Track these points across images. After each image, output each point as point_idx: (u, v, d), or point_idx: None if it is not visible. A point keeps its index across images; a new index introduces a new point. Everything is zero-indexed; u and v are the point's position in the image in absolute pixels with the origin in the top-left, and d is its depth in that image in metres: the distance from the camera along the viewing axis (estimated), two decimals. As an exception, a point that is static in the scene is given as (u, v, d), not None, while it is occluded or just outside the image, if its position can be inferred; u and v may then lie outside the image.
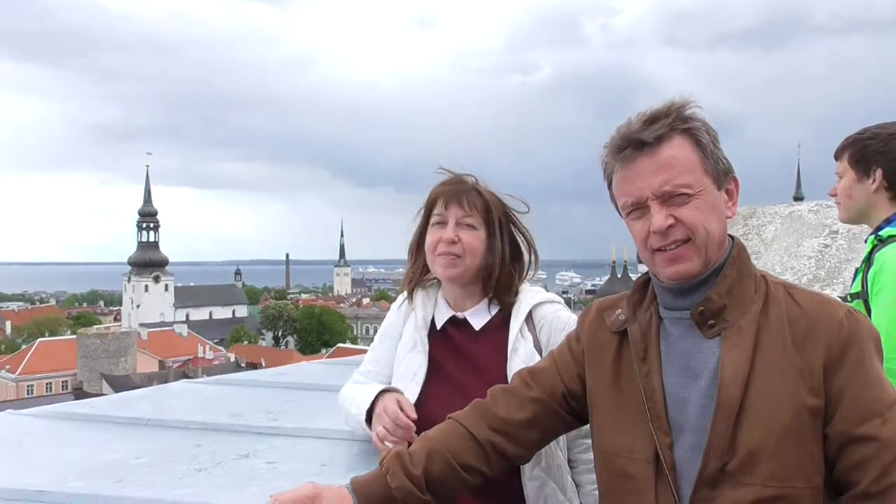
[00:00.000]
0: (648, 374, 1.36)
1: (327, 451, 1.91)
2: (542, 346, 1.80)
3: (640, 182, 1.32)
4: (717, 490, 1.26)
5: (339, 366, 3.52)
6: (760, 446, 1.25)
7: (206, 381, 3.08)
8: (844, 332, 1.28)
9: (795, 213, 4.70)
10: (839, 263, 4.20)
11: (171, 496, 1.57)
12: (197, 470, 1.76)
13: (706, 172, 1.32)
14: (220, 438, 2.05)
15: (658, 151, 1.31)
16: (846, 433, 1.25)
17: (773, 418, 1.25)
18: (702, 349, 1.33)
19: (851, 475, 1.25)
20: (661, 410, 1.33)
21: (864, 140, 2.23)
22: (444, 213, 1.82)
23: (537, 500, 1.71)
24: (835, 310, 1.31)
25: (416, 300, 1.93)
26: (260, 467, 1.79)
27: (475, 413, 1.53)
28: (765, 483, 1.24)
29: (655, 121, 1.31)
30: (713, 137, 1.34)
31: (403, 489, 1.44)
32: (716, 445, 1.26)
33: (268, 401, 2.55)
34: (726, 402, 1.27)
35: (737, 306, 1.33)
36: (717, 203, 1.34)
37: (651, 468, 1.33)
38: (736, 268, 1.35)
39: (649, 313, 1.41)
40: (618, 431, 1.39)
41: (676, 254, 1.32)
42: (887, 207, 2.22)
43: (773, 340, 1.29)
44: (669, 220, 1.30)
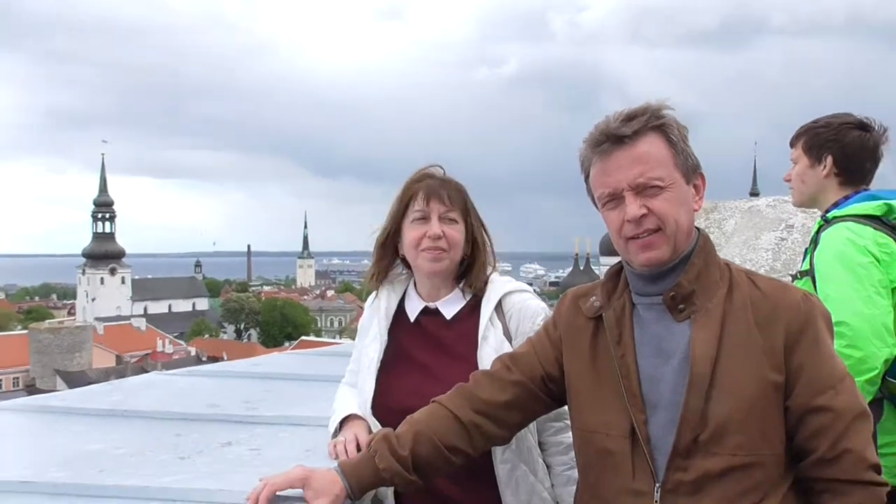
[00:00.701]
0: (623, 356, 1.46)
1: (310, 438, 1.94)
2: (512, 333, 1.85)
3: (616, 174, 1.43)
4: (690, 460, 1.38)
5: (312, 356, 3.55)
6: (729, 419, 1.36)
7: (178, 373, 3.09)
8: (802, 314, 1.41)
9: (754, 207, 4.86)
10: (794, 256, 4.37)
11: (157, 483, 1.59)
12: (180, 458, 1.78)
13: (677, 167, 1.43)
14: (199, 428, 2.07)
15: (634, 146, 1.41)
16: (804, 405, 1.38)
17: (741, 393, 1.37)
18: (673, 331, 1.44)
19: (809, 443, 1.39)
20: (636, 389, 1.44)
21: (816, 129, 2.37)
22: (426, 209, 1.85)
23: (509, 481, 1.78)
24: (793, 294, 1.45)
25: (381, 294, 1.97)
26: (245, 454, 1.82)
27: (459, 396, 1.62)
28: (733, 452, 1.36)
29: (633, 118, 1.42)
30: (683, 136, 1.45)
31: (391, 470, 1.53)
32: (689, 419, 1.38)
33: (244, 391, 2.57)
34: (697, 379, 1.38)
35: (704, 291, 1.44)
36: (686, 196, 1.46)
37: (627, 443, 1.43)
38: (702, 256, 1.47)
39: (623, 299, 1.51)
40: (596, 410, 1.49)
41: (648, 241, 1.43)
42: (836, 192, 2.36)
43: (738, 322, 1.41)
44: (643, 209, 1.41)
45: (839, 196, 2.35)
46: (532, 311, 1.87)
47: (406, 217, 1.89)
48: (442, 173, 1.93)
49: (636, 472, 1.42)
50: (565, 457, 1.83)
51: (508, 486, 1.77)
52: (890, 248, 2.19)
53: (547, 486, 1.84)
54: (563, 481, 1.83)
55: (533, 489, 1.80)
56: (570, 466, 1.83)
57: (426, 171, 1.92)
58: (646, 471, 1.41)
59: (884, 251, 2.18)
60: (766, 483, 1.38)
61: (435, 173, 1.92)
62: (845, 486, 1.37)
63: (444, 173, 1.93)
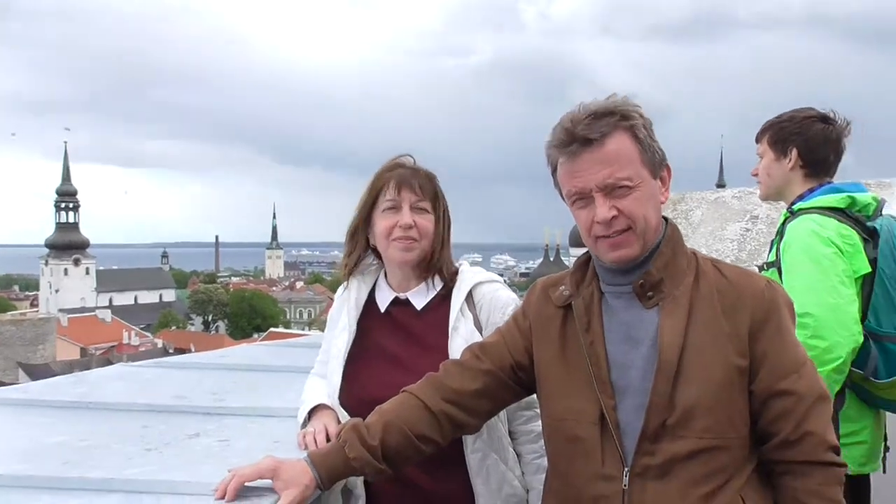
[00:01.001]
0: (592, 343, 1.48)
1: (279, 429, 1.93)
2: (483, 324, 1.86)
3: (585, 175, 1.44)
4: (658, 444, 1.41)
5: (282, 347, 3.52)
6: (696, 403, 1.40)
7: (144, 364, 3.04)
8: (766, 301, 1.46)
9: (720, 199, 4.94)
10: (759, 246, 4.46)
11: (122, 475, 1.57)
12: (147, 450, 1.76)
13: (644, 165, 1.45)
14: (166, 419, 2.04)
15: (602, 147, 1.42)
16: (768, 389, 1.43)
17: (707, 378, 1.41)
18: (642, 318, 1.47)
19: (773, 426, 1.43)
20: (605, 375, 1.46)
21: (780, 123, 2.43)
22: (397, 199, 1.85)
23: (480, 470, 1.79)
24: (757, 281, 1.49)
25: (351, 285, 1.97)
26: (213, 445, 1.80)
27: (429, 385, 1.62)
28: (700, 435, 1.40)
29: (600, 118, 1.42)
30: (649, 131, 1.47)
31: (361, 459, 1.53)
32: (657, 404, 1.41)
33: (211, 382, 2.54)
34: (665, 365, 1.41)
35: (672, 279, 1.47)
36: (654, 192, 1.48)
37: (597, 429, 1.46)
38: (671, 245, 1.50)
39: (591, 288, 1.54)
40: (565, 397, 1.51)
41: (618, 241, 1.45)
42: (801, 184, 2.42)
43: (705, 309, 1.44)
44: (613, 211, 1.42)
45: (804, 188, 2.40)
46: (502, 302, 1.88)
47: (377, 207, 1.88)
48: (412, 163, 1.92)
49: (605, 458, 1.45)
50: (535, 445, 1.85)
51: (479, 474, 1.78)
52: (853, 240, 2.25)
53: (517, 475, 1.85)
54: (534, 469, 1.85)
55: (503, 478, 1.81)
56: (541, 455, 1.84)
57: (397, 161, 1.92)
58: (615, 456, 1.44)
59: (847, 242, 2.24)
60: (731, 465, 1.42)
61: (406, 162, 1.91)
62: (806, 467, 1.42)
63: (414, 163, 1.93)
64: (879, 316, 2.24)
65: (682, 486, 1.39)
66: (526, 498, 1.86)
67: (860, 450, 2.29)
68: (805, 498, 1.41)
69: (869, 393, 2.30)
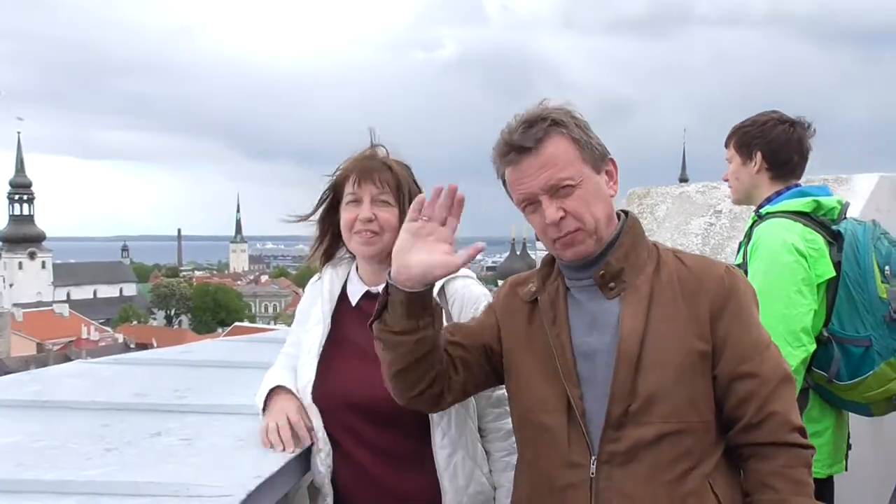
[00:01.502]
0: (559, 335, 1.51)
1: (242, 427, 1.89)
2: (454, 319, 1.83)
3: (528, 181, 1.47)
4: (622, 431, 1.43)
5: (245, 343, 3.47)
6: (658, 389, 1.42)
7: (103, 361, 2.96)
8: (726, 286, 1.48)
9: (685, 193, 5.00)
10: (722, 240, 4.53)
11: (81, 477, 1.51)
12: (106, 450, 1.71)
13: (584, 162, 1.48)
14: (126, 418, 1.99)
15: (539, 152, 1.46)
16: (731, 372, 1.45)
17: (668, 363, 1.43)
18: (604, 309, 1.50)
19: (737, 410, 1.45)
20: (570, 366, 1.48)
21: (744, 127, 2.49)
22: (358, 192, 1.82)
23: (447, 467, 1.77)
24: (716, 268, 1.52)
25: (324, 277, 1.94)
26: (175, 444, 1.75)
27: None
28: (663, 420, 1.42)
29: (532, 125, 1.46)
30: (584, 129, 1.50)
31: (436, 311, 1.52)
32: (619, 391, 1.43)
33: (173, 379, 2.49)
34: (626, 353, 1.44)
35: (632, 269, 1.50)
36: (599, 188, 1.50)
37: (564, 417, 1.48)
38: (630, 236, 1.53)
39: (556, 283, 1.57)
40: (533, 389, 1.54)
41: (570, 239, 1.48)
42: (768, 187, 2.46)
43: (666, 296, 1.48)
44: (560, 212, 1.46)
45: (772, 191, 2.44)
46: (475, 297, 1.86)
47: (341, 199, 1.86)
48: (384, 153, 1.89)
49: (572, 446, 1.47)
50: (505, 443, 1.84)
51: (446, 471, 1.77)
52: (817, 245, 2.29)
53: (485, 472, 1.84)
54: (502, 467, 1.84)
55: (471, 475, 1.80)
56: (510, 452, 1.84)
57: (364, 153, 1.89)
58: (581, 444, 1.46)
59: (811, 247, 2.27)
60: (696, 450, 1.43)
61: (373, 154, 1.88)
62: (770, 448, 1.43)
63: (386, 153, 1.89)
64: (842, 319, 2.28)
65: (647, 472, 1.41)
66: (493, 496, 1.85)
67: (824, 451, 2.33)
68: (770, 480, 1.42)
69: (832, 394, 2.35)
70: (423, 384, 1.55)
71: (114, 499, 1.43)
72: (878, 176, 3.81)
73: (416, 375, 1.53)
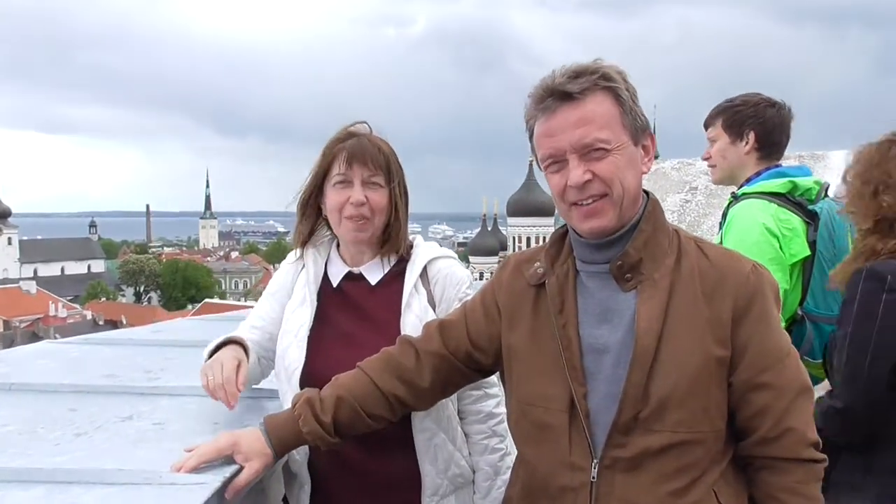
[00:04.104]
0: (565, 326, 1.41)
1: (216, 410, 1.82)
2: (436, 300, 1.81)
3: (560, 135, 1.34)
4: (630, 437, 1.34)
5: (219, 322, 3.39)
6: (671, 395, 1.32)
7: (72, 341, 2.87)
8: (751, 286, 1.36)
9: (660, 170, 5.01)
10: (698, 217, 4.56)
11: (50, 464, 1.45)
12: (76, 435, 1.65)
13: (625, 128, 1.35)
14: (97, 401, 1.92)
15: (580, 104, 1.32)
16: (748, 381, 1.36)
17: (683, 368, 1.33)
18: (618, 301, 1.38)
19: (752, 422, 1.37)
20: (577, 361, 1.39)
21: (735, 107, 2.47)
22: (349, 173, 1.76)
23: (427, 450, 1.75)
24: (742, 265, 1.39)
25: (307, 257, 1.88)
26: (146, 429, 1.70)
27: (382, 363, 1.59)
28: (674, 429, 1.33)
29: (580, 75, 1.33)
30: (633, 94, 1.37)
31: (314, 433, 1.55)
32: (631, 394, 1.33)
33: (144, 359, 2.42)
34: (642, 353, 1.33)
35: (652, 260, 1.38)
36: (634, 158, 1.38)
37: (566, 416, 1.39)
38: (651, 223, 1.40)
39: (566, 266, 1.45)
40: (535, 381, 1.44)
41: (593, 209, 1.35)
42: (754, 167, 2.46)
43: (685, 293, 1.36)
44: (587, 174, 1.33)
45: (755, 171, 2.44)
46: (458, 279, 1.83)
47: (328, 179, 1.79)
48: (367, 131, 1.83)
49: (573, 447, 1.38)
50: (483, 426, 1.82)
51: (426, 454, 1.75)
52: (791, 224, 2.30)
53: (465, 455, 1.82)
54: (481, 450, 1.82)
55: (451, 458, 1.78)
56: (488, 435, 1.82)
57: (350, 130, 1.82)
58: (583, 445, 1.37)
59: (784, 227, 2.28)
60: (704, 460, 1.36)
61: (359, 131, 1.82)
62: (785, 463, 1.36)
63: (370, 131, 1.83)
64: (816, 298, 2.31)
65: (652, 481, 1.33)
66: (472, 479, 1.83)
67: None
68: (783, 495, 1.36)
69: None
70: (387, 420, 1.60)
71: (83, 487, 1.37)
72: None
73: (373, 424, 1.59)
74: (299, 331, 1.80)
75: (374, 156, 1.77)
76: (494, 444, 1.84)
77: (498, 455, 1.84)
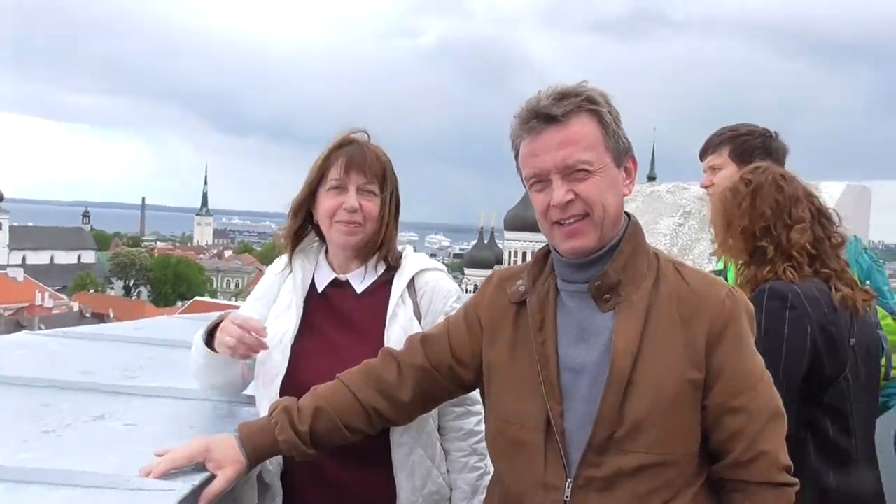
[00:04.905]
0: (544, 344, 1.41)
1: (193, 412, 1.81)
2: (423, 312, 1.79)
3: (543, 155, 1.38)
4: (604, 457, 1.35)
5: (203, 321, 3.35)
6: (646, 416, 1.33)
7: (51, 334, 2.82)
8: (726, 312, 1.38)
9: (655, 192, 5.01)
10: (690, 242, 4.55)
11: (13, 461, 1.41)
12: (44, 432, 1.61)
13: (607, 150, 1.39)
14: (69, 397, 1.88)
15: (564, 126, 1.36)
16: (723, 405, 1.37)
17: (659, 390, 1.34)
18: (596, 322, 1.40)
19: (726, 445, 1.38)
20: (554, 379, 1.39)
21: (743, 136, 2.50)
22: (345, 179, 1.75)
23: (404, 465, 1.72)
24: (718, 290, 1.41)
25: (294, 264, 1.86)
26: (118, 430, 1.66)
27: (363, 376, 1.58)
28: (647, 450, 1.34)
29: (565, 98, 1.37)
30: (615, 118, 1.40)
31: (290, 443, 1.52)
32: (605, 415, 1.34)
33: (123, 357, 2.38)
34: (618, 374, 1.34)
35: (631, 281, 1.40)
36: (616, 180, 1.41)
37: (542, 435, 1.39)
38: (631, 244, 1.42)
39: (547, 285, 1.47)
40: (512, 399, 1.45)
41: (574, 229, 1.38)
42: None
43: (663, 316, 1.38)
44: (570, 194, 1.36)
45: None
46: (445, 292, 1.81)
47: (323, 184, 1.78)
48: (366, 139, 1.82)
49: (548, 466, 1.38)
50: (464, 443, 1.79)
51: (403, 469, 1.71)
52: None
53: (443, 472, 1.79)
54: (460, 468, 1.79)
55: (428, 474, 1.75)
56: (468, 453, 1.79)
57: (349, 137, 1.80)
58: (558, 464, 1.38)
59: None
60: (678, 481, 1.36)
61: (358, 140, 1.80)
62: (756, 487, 1.37)
63: (368, 139, 1.82)
64: None
65: (626, 501, 1.34)
66: (449, 496, 1.80)
67: None
68: None
69: None
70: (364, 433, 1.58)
71: (44, 488, 1.32)
72: (845, 185, 4.03)
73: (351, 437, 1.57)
74: (283, 336, 1.77)
75: (372, 164, 1.77)
76: (474, 462, 1.81)
77: (476, 474, 1.80)
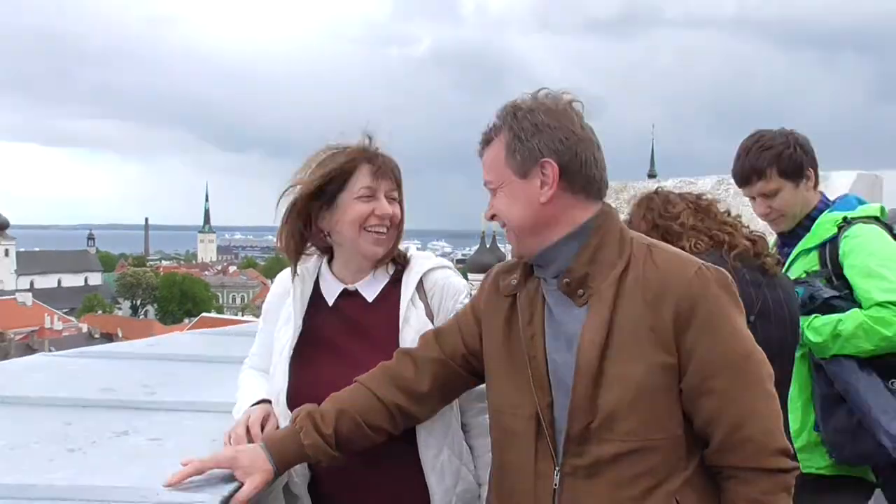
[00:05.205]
0: (533, 337, 1.46)
1: (214, 426, 1.81)
2: (434, 312, 1.78)
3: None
4: (584, 446, 1.38)
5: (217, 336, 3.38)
6: (618, 406, 1.35)
7: (68, 354, 2.85)
8: (694, 290, 1.35)
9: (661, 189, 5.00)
10: (697, 238, 4.53)
11: (43, 480, 1.43)
12: (70, 451, 1.62)
13: (508, 167, 1.45)
14: (92, 415, 1.90)
15: (484, 152, 1.51)
16: (697, 387, 1.36)
17: (629, 379, 1.35)
18: (572, 316, 1.42)
19: (707, 429, 1.38)
20: (542, 371, 1.43)
21: (788, 152, 2.45)
22: (375, 185, 1.73)
23: (434, 467, 1.71)
24: (686, 268, 1.38)
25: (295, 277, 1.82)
26: (142, 445, 1.68)
27: (381, 375, 1.62)
28: (623, 439, 1.35)
29: (490, 125, 1.49)
30: (525, 131, 1.42)
31: (315, 447, 1.54)
32: (578, 406, 1.37)
33: (141, 374, 2.40)
34: (585, 367, 1.37)
35: (599, 272, 1.41)
36: (523, 192, 1.44)
37: (532, 424, 1.43)
38: (599, 236, 1.43)
39: (537, 281, 1.51)
40: (505, 389, 1.50)
41: (509, 236, 1.52)
42: (814, 196, 2.53)
43: (630, 302, 1.37)
44: (492, 210, 1.51)
45: (816, 199, 2.52)
46: (455, 289, 1.80)
47: (345, 190, 1.73)
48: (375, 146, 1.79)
49: (538, 454, 1.43)
50: (488, 439, 1.79)
51: (433, 471, 1.71)
52: None
53: (471, 469, 1.79)
54: (485, 464, 1.78)
55: (458, 473, 1.75)
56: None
57: (366, 144, 1.78)
58: (547, 453, 1.42)
59: None
60: (662, 467, 1.36)
61: (379, 147, 1.79)
62: (749, 473, 1.35)
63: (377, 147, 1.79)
64: None
65: (610, 488, 1.36)
66: (479, 493, 1.80)
67: None
68: None
69: None
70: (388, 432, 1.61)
71: (77, 504, 1.34)
72: (856, 174, 4.00)
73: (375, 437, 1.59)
74: (283, 350, 1.77)
75: (395, 169, 1.79)
76: None
77: None
